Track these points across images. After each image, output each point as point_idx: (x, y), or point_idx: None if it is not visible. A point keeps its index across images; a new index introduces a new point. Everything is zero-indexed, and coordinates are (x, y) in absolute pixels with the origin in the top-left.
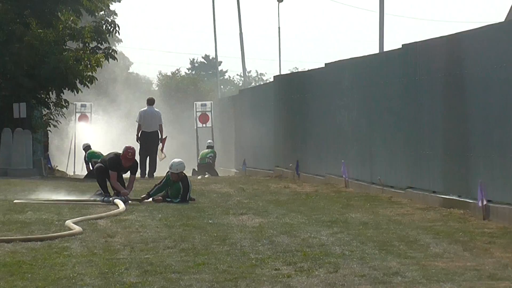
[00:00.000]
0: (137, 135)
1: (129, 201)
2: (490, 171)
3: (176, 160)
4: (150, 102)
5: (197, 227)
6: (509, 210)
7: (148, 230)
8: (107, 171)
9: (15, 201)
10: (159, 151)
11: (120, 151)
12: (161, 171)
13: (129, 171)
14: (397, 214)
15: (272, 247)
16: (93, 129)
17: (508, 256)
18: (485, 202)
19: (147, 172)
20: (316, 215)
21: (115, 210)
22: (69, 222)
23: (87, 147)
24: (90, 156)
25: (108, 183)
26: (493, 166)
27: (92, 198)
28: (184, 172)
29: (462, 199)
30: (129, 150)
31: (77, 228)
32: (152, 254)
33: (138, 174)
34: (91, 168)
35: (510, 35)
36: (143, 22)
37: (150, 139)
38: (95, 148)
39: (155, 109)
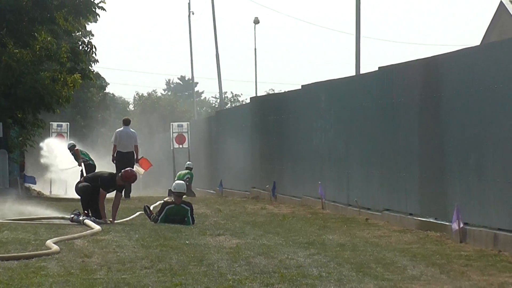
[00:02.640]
0: (113, 155)
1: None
2: (466, 194)
3: (178, 181)
4: (126, 122)
5: (174, 248)
6: (486, 233)
7: (125, 250)
8: (93, 191)
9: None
10: (136, 169)
11: (99, 171)
12: (134, 191)
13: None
14: (374, 236)
15: (249, 268)
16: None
17: (485, 279)
18: (461, 225)
19: (123, 192)
20: (293, 236)
21: (95, 229)
22: (49, 242)
23: (72, 147)
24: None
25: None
26: (469, 189)
27: (68, 216)
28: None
29: (439, 222)
30: (131, 172)
31: (54, 247)
32: (129, 275)
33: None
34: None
35: (486, 58)
36: (120, 42)
37: (125, 160)
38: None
39: (131, 129)
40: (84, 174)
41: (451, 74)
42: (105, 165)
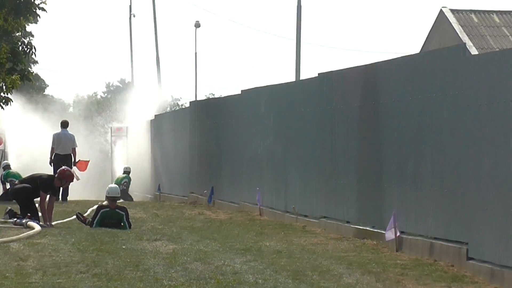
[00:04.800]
0: (51, 157)
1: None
2: (403, 202)
3: (111, 185)
4: (64, 125)
5: (110, 252)
6: (422, 242)
7: (61, 254)
8: (33, 192)
9: None
10: (74, 172)
11: (36, 173)
12: (73, 194)
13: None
14: (311, 244)
15: (186, 274)
16: (8, 151)
17: None
18: (398, 234)
19: (60, 196)
20: (230, 242)
21: (33, 231)
22: None
23: (6, 167)
24: (6, 175)
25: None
26: (406, 198)
27: (2, 220)
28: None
29: (375, 230)
30: (66, 170)
31: None
32: (64, 279)
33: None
34: (7, 188)
35: (424, 66)
36: (60, 44)
37: (63, 162)
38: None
39: (69, 132)
40: None
41: (390, 81)
42: (43, 168)
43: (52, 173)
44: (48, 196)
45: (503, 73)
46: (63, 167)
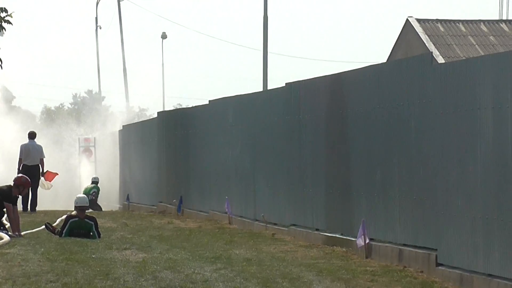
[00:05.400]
0: (18, 168)
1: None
2: (372, 210)
3: (79, 195)
4: (32, 135)
5: (80, 262)
6: (391, 248)
7: (30, 264)
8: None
9: None
10: (42, 182)
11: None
12: (41, 204)
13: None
14: (280, 251)
15: (156, 282)
16: None
17: None
18: (367, 241)
19: (29, 206)
20: (199, 251)
21: (2, 241)
22: None
23: None
24: None
25: None
26: (375, 205)
27: None
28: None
29: (345, 237)
30: (21, 177)
31: None
32: None
33: (19, 208)
34: None
35: (391, 76)
36: (26, 56)
37: (31, 173)
38: None
39: (37, 143)
40: None
41: (357, 90)
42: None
43: (9, 184)
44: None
45: (469, 81)
46: (19, 174)
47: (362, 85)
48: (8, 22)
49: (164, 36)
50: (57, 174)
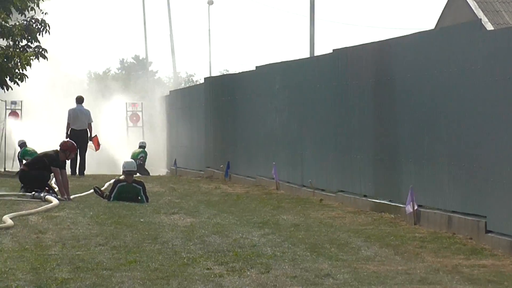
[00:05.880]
0: (67, 133)
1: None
2: (420, 176)
3: (127, 160)
4: (79, 100)
5: (129, 225)
6: (440, 215)
7: (80, 227)
8: (47, 168)
9: None
10: (90, 146)
11: (41, 152)
12: (90, 168)
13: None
14: (328, 217)
15: (204, 246)
16: (24, 127)
17: (438, 260)
18: (415, 207)
19: (77, 170)
20: (247, 216)
21: (51, 204)
22: (6, 217)
23: (22, 144)
24: (24, 153)
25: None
26: (423, 172)
27: (20, 193)
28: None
29: (393, 204)
30: (67, 141)
31: (9, 222)
32: (83, 251)
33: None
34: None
35: (439, 42)
36: (74, 21)
37: (79, 137)
38: (29, 145)
39: (84, 107)
40: None
41: (404, 57)
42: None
43: (56, 149)
44: (60, 171)
45: None
46: (65, 139)
47: (410, 52)
48: None
49: (210, 2)
50: (100, 145)
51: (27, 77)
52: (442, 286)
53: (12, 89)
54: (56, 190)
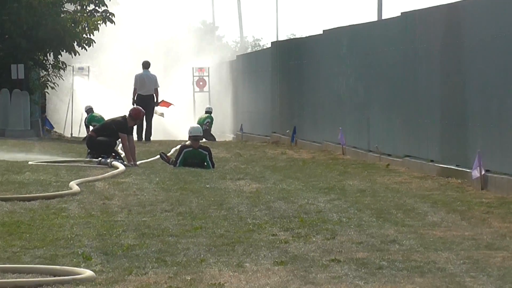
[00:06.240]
0: (133, 98)
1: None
2: (488, 141)
3: (193, 125)
4: (145, 65)
5: (194, 191)
6: (507, 180)
7: (146, 193)
8: (114, 134)
9: (29, 162)
10: (156, 111)
11: (117, 115)
12: (156, 133)
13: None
14: (394, 182)
15: (269, 212)
16: (90, 92)
17: (506, 226)
18: (483, 172)
19: (144, 136)
20: (313, 181)
21: (117, 170)
22: (73, 183)
23: (89, 110)
24: (91, 119)
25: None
26: (491, 136)
27: (87, 159)
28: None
29: (460, 169)
30: (137, 108)
31: (75, 188)
32: (149, 217)
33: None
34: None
35: (510, 5)
36: None
37: (145, 103)
38: (95, 111)
39: (151, 72)
40: None
41: (474, 20)
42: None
43: (124, 115)
44: (128, 137)
45: None
46: (134, 105)
47: (479, 14)
48: None
49: None
50: (172, 104)
51: (95, 42)
52: (509, 251)
53: (79, 54)
54: (122, 156)
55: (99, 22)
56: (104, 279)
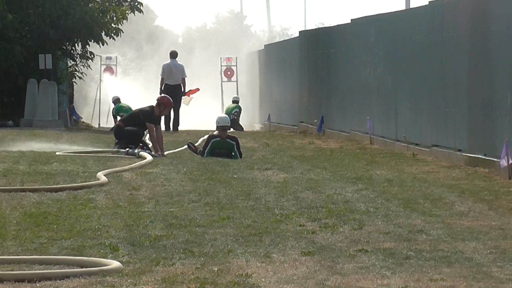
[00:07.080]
0: (161, 88)
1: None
2: None
3: (221, 115)
4: (173, 55)
5: (222, 182)
6: None
7: (173, 184)
8: (142, 124)
9: (57, 153)
10: (184, 98)
11: (146, 105)
12: (184, 123)
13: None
14: (422, 172)
15: (297, 202)
16: (118, 82)
17: None
18: (510, 161)
19: (171, 126)
20: (340, 171)
21: (145, 161)
22: (100, 174)
23: (116, 100)
24: (118, 109)
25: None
26: None
27: (114, 150)
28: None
29: (487, 158)
30: (165, 97)
31: (103, 179)
32: (176, 208)
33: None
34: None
35: None
36: None
37: (173, 92)
38: (123, 101)
39: (178, 62)
40: None
41: (502, 8)
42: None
43: (151, 105)
44: (155, 127)
45: None
46: (162, 94)
47: (507, 2)
48: None
49: None
50: (198, 89)
51: (123, 32)
52: None
53: (107, 44)
54: (150, 146)
55: (127, 11)
56: (131, 270)
